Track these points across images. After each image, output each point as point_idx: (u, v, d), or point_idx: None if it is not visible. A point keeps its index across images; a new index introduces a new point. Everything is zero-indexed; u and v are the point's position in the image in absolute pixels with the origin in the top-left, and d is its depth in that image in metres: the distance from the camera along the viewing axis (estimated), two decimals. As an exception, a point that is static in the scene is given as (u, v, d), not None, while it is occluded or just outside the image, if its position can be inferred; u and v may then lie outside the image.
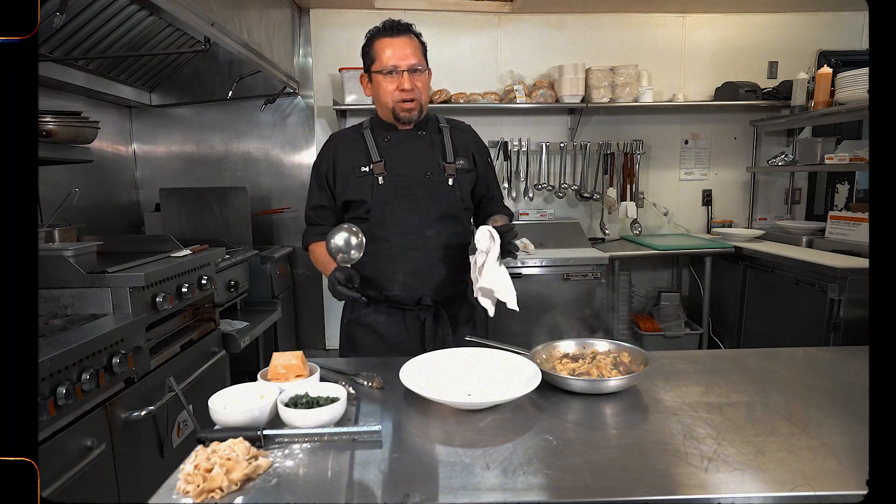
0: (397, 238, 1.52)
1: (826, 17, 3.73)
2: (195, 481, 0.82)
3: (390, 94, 1.50)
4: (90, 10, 2.06)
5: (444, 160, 1.57)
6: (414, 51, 1.50)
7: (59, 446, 1.36)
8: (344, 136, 1.65)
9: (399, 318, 1.56)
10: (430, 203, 1.53)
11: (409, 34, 1.51)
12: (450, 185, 1.55)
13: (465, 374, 1.25)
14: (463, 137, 1.64)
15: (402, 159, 1.55)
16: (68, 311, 1.72)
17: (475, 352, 1.31)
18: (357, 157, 1.55)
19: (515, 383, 1.17)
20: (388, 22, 1.52)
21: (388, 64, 1.48)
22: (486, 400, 1.11)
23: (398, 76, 1.48)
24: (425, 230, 1.53)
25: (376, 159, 1.53)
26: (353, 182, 1.54)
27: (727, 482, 0.84)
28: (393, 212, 1.52)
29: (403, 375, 1.16)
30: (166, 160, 3.59)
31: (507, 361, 1.26)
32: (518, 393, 1.10)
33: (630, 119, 3.78)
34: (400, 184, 1.52)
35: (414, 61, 1.49)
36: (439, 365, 1.26)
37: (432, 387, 1.16)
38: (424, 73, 1.53)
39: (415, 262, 1.53)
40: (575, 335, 1.36)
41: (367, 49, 1.54)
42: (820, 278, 2.66)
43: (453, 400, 1.12)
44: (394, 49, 1.48)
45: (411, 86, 1.48)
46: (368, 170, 1.53)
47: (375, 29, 1.54)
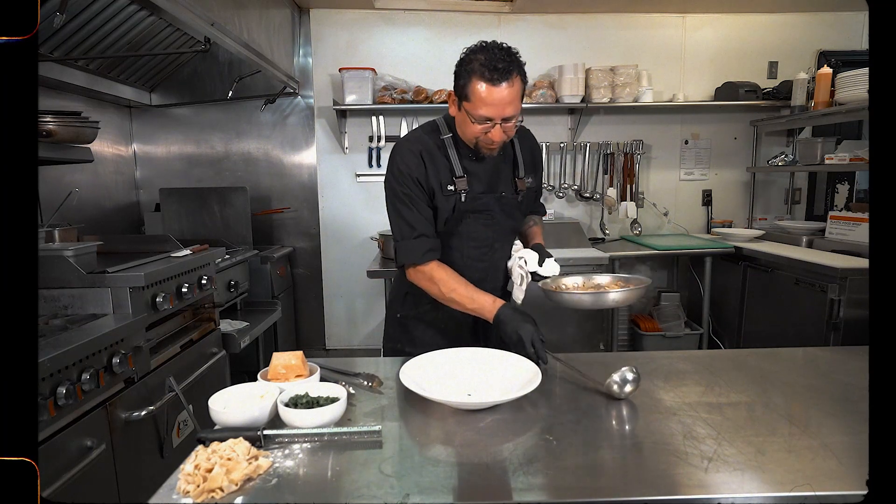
0: (469, 250, 1.55)
1: (826, 17, 3.73)
2: (195, 481, 0.83)
3: (475, 134, 1.38)
4: (90, 10, 2.06)
5: (515, 177, 1.56)
6: (513, 99, 1.32)
7: (59, 446, 1.35)
8: (428, 146, 1.48)
9: (457, 314, 1.52)
10: (503, 219, 1.55)
11: (512, 79, 1.30)
12: (519, 201, 1.57)
13: (465, 374, 1.25)
14: (530, 150, 1.62)
15: (484, 177, 1.51)
16: (68, 311, 1.72)
17: (475, 352, 1.31)
18: (443, 171, 1.48)
19: (516, 383, 1.17)
20: (492, 57, 1.29)
21: (481, 114, 1.33)
22: (487, 400, 1.11)
23: (489, 124, 1.35)
24: (495, 243, 1.57)
25: (459, 174, 1.47)
26: (440, 199, 1.48)
27: (727, 482, 0.84)
28: (468, 226, 1.52)
29: (403, 375, 1.16)
30: (166, 160, 3.59)
31: (506, 361, 1.26)
32: (518, 393, 1.10)
33: (630, 119, 3.78)
34: (480, 201, 1.51)
35: (510, 113, 1.33)
36: (439, 365, 1.26)
37: (433, 386, 1.16)
38: (517, 117, 1.37)
39: (481, 272, 1.57)
40: (575, 335, 1.36)
41: (463, 80, 1.34)
42: (820, 278, 2.66)
43: (453, 400, 1.11)
44: (492, 100, 1.30)
45: (500, 136, 1.37)
46: (453, 188, 1.47)
47: (476, 62, 1.31)
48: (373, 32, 3.60)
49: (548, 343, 1.37)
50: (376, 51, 3.60)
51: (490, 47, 1.32)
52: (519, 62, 1.33)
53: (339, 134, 3.63)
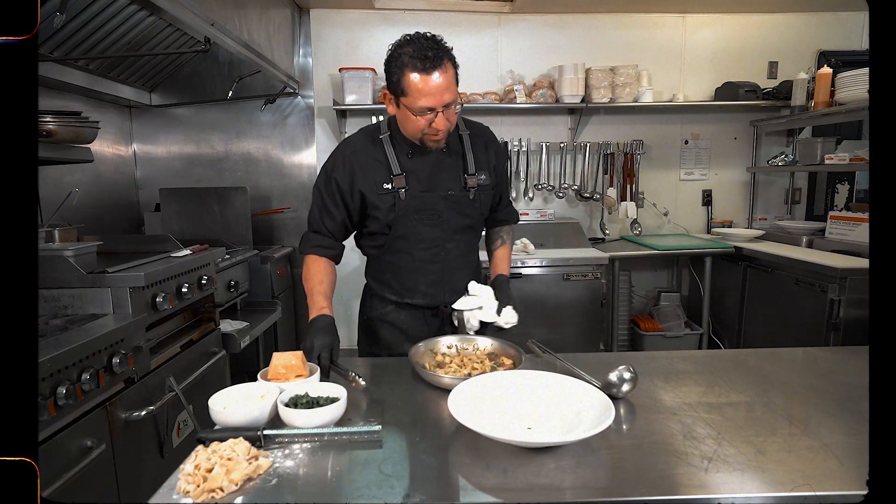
0: (419, 252, 1.52)
1: (826, 17, 3.73)
2: (195, 481, 0.83)
3: (420, 128, 1.38)
4: (90, 10, 2.06)
5: (465, 173, 1.53)
6: (448, 85, 1.32)
7: (59, 446, 1.35)
8: (360, 148, 1.50)
9: (419, 315, 1.58)
10: (452, 217, 1.52)
11: (443, 65, 1.31)
12: (471, 199, 1.54)
13: (517, 402, 1.08)
14: (484, 148, 1.58)
15: (424, 175, 1.49)
16: (68, 311, 1.72)
17: (528, 376, 1.15)
18: (377, 171, 1.47)
19: (584, 420, 1.00)
20: (420, 47, 1.30)
21: (420, 105, 1.32)
22: (548, 440, 0.97)
23: (431, 114, 1.35)
24: (446, 243, 1.54)
25: (397, 172, 1.47)
26: (374, 199, 1.48)
27: (727, 482, 0.84)
28: (414, 227, 1.50)
29: (453, 405, 0.99)
30: (166, 160, 3.59)
31: (569, 388, 1.09)
32: (586, 433, 0.91)
33: (630, 119, 3.78)
34: (422, 199, 1.49)
35: (448, 99, 1.33)
36: (487, 392, 1.09)
37: (482, 417, 1.00)
38: (456, 103, 1.37)
39: (436, 273, 1.55)
40: (575, 335, 1.36)
41: (396, 75, 1.33)
42: (820, 278, 2.66)
43: (514, 439, 0.94)
44: (429, 89, 1.30)
45: (444, 125, 1.37)
46: (391, 187, 1.47)
47: (406, 55, 1.31)
48: (373, 32, 3.60)
49: (548, 343, 1.37)
50: (376, 51, 3.60)
51: (415, 38, 1.33)
52: (446, 48, 1.34)
53: (339, 134, 3.63)
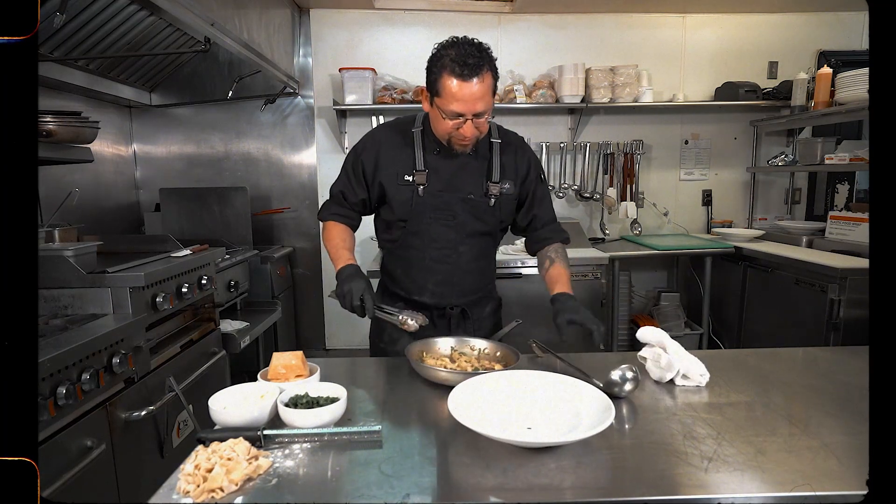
0: (431, 251, 1.52)
1: (826, 17, 3.73)
2: (195, 481, 0.83)
3: (447, 130, 1.39)
4: (90, 10, 2.06)
5: (488, 180, 1.51)
6: (484, 95, 1.32)
7: (59, 446, 1.36)
8: (391, 137, 1.53)
9: (427, 315, 1.52)
10: (468, 221, 1.51)
11: (482, 74, 1.30)
12: (490, 205, 1.52)
13: (523, 403, 1.07)
14: (514, 157, 1.55)
15: (446, 175, 1.48)
16: (68, 311, 1.72)
17: (525, 375, 1.14)
18: (401, 162, 1.48)
19: (584, 420, 1.00)
20: (463, 53, 1.29)
21: (451, 109, 1.33)
22: (549, 440, 0.97)
23: (460, 119, 1.35)
24: (459, 246, 1.52)
25: (420, 168, 1.47)
26: (392, 189, 1.49)
27: (727, 482, 0.84)
28: (429, 225, 1.50)
29: (453, 405, 0.99)
30: (166, 160, 3.59)
31: (569, 388, 1.09)
32: (586, 433, 0.91)
33: (630, 119, 3.78)
34: (440, 199, 1.48)
35: (480, 108, 1.33)
36: (487, 392, 1.09)
37: (482, 417, 1.01)
38: (488, 112, 1.37)
39: (445, 274, 1.54)
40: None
41: (434, 75, 1.34)
42: (820, 278, 2.66)
43: (514, 439, 0.94)
44: (462, 95, 1.30)
45: (472, 132, 1.38)
46: (411, 179, 1.47)
47: (447, 58, 1.30)
48: (373, 32, 3.60)
49: (548, 343, 1.37)
50: (376, 51, 3.60)
51: (461, 43, 1.32)
52: (490, 57, 1.33)
53: (339, 134, 3.63)
